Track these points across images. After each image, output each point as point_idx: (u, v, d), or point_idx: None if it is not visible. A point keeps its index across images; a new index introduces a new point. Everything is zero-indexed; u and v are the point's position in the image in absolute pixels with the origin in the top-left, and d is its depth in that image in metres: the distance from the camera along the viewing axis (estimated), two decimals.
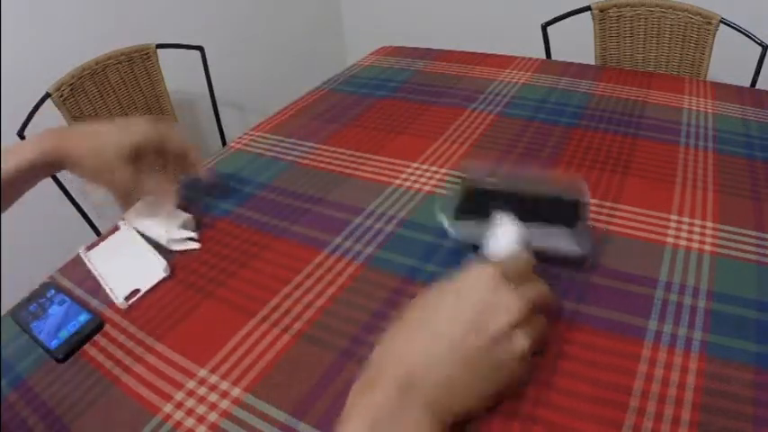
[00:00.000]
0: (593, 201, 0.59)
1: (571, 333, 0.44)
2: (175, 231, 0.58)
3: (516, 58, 0.96)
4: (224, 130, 1.58)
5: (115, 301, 0.51)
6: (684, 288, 0.47)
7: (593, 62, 1.34)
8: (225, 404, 0.41)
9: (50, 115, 1.18)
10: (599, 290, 0.48)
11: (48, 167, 0.53)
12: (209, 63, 1.46)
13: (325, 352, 0.45)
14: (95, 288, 0.54)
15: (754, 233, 0.53)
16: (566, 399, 0.39)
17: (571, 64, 0.93)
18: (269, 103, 1.80)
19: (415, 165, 0.69)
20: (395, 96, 0.87)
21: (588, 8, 1.29)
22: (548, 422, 0.38)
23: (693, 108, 0.77)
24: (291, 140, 0.77)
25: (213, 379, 0.43)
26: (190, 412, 0.41)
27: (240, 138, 0.79)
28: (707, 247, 0.52)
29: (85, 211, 1.31)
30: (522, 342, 0.35)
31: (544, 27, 1.35)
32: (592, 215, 0.57)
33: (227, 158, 0.75)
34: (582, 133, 0.72)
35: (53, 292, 0.53)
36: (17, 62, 1.32)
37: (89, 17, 1.45)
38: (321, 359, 0.44)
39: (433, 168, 0.67)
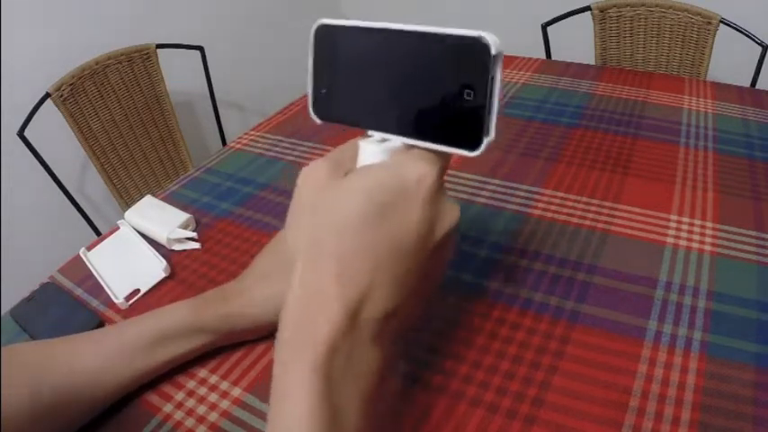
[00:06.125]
0: (593, 201, 0.59)
1: (571, 333, 0.44)
2: (175, 231, 0.58)
3: (516, 58, 0.96)
4: (224, 130, 1.58)
5: (115, 301, 0.51)
6: (684, 288, 0.47)
7: (593, 62, 1.34)
8: (225, 404, 0.41)
9: (50, 115, 1.18)
10: (599, 290, 0.48)
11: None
12: (209, 63, 1.46)
13: None
14: (95, 288, 0.54)
15: (754, 233, 0.53)
16: (566, 399, 0.39)
17: (571, 64, 0.93)
18: (269, 103, 1.80)
19: None
20: None
21: (588, 8, 1.29)
22: (548, 422, 0.38)
23: (693, 108, 0.77)
24: (291, 140, 0.77)
25: (213, 379, 0.43)
26: (190, 412, 0.41)
27: (240, 138, 0.79)
28: (707, 248, 0.52)
29: (85, 211, 1.31)
30: (453, 246, 0.33)
31: (544, 27, 1.35)
32: (592, 216, 0.57)
33: (227, 158, 0.75)
34: (582, 133, 0.72)
35: (53, 292, 0.53)
36: (17, 62, 1.32)
37: (89, 17, 1.45)
38: None
39: None
